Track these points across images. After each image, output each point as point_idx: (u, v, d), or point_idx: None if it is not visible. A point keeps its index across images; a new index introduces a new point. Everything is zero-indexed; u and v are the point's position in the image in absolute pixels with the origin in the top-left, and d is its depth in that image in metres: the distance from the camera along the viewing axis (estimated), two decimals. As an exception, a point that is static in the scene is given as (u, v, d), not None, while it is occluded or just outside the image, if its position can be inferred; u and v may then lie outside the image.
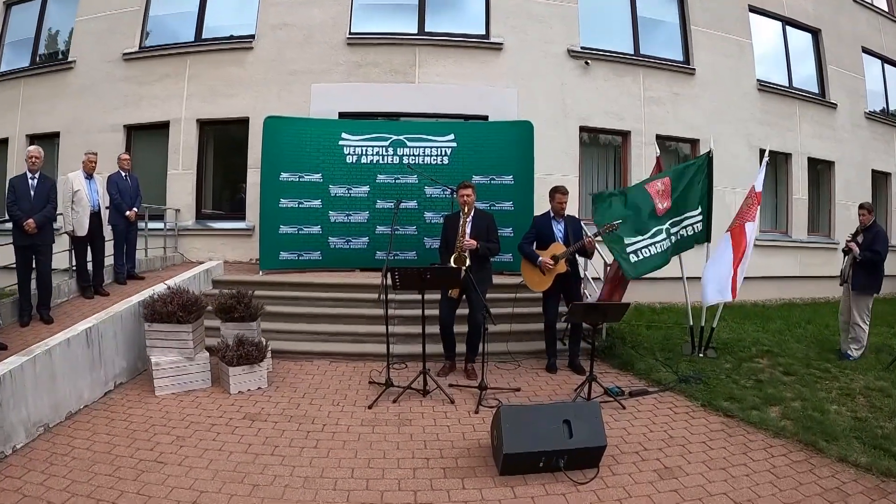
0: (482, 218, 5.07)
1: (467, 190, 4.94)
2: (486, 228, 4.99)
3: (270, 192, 7.46)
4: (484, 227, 4.98)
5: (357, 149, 7.60)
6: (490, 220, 5.12)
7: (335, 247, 7.56)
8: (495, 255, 5.15)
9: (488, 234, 4.99)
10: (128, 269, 6.95)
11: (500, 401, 4.31)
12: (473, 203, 5.00)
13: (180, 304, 4.91)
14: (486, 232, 4.98)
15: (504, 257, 6.94)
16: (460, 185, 5.06)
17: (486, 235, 4.97)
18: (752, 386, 4.74)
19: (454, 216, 5.07)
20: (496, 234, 5.09)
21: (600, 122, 9.28)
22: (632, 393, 4.47)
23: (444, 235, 5.11)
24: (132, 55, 9.42)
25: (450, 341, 5.15)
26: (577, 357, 5.28)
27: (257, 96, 9.09)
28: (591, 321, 4.41)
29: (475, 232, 4.92)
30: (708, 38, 9.94)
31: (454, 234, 4.90)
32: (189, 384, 4.78)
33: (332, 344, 5.83)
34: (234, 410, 4.28)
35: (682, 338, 6.11)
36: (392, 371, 5.17)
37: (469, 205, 4.93)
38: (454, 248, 4.87)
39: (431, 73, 8.95)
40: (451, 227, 4.99)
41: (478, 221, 4.99)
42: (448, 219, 5.18)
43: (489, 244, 4.96)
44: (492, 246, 4.99)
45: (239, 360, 4.73)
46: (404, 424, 3.98)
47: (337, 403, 4.43)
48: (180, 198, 9.27)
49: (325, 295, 6.56)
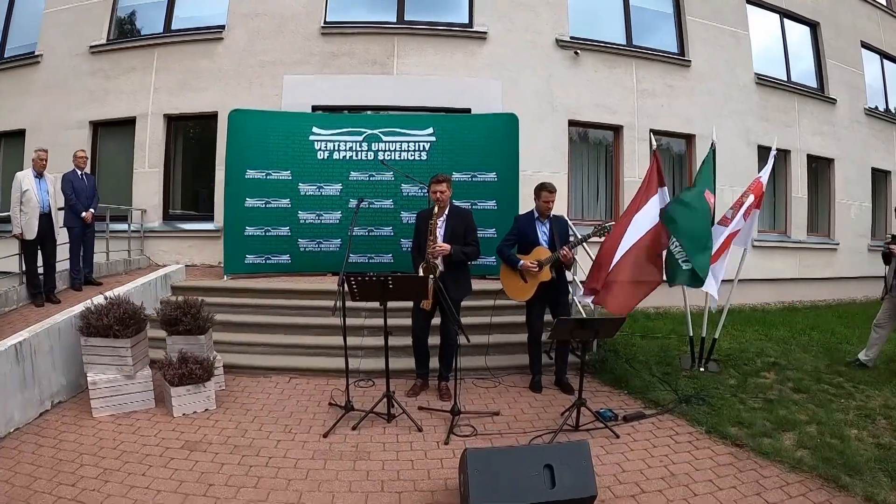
0: (459, 216, 4.44)
1: (441, 185, 4.28)
2: (463, 229, 4.38)
3: (235, 191, 6.93)
4: (461, 228, 4.37)
5: (329, 144, 7.06)
6: (468, 218, 4.50)
7: (305, 249, 7.02)
8: (474, 259, 4.51)
9: (466, 234, 4.38)
10: (85, 275, 6.53)
11: (475, 428, 3.75)
12: (448, 200, 4.39)
13: (116, 316, 4.37)
14: (463, 233, 4.37)
15: (487, 260, 6.42)
16: (433, 178, 4.38)
17: (464, 237, 4.36)
18: (762, 407, 4.20)
19: (428, 213, 4.43)
20: (475, 235, 4.47)
21: (591, 115, 8.75)
22: (626, 417, 3.91)
23: (416, 235, 4.48)
24: (99, 48, 8.96)
25: (423, 356, 4.58)
26: (565, 374, 4.71)
27: (227, 89, 8.59)
28: (580, 338, 3.80)
29: (450, 233, 4.31)
30: (704, 29, 9.47)
31: (424, 234, 4.31)
32: (129, 405, 4.28)
33: (295, 357, 5.26)
34: (174, 437, 3.76)
35: (681, 349, 5.58)
36: (357, 389, 4.64)
37: (443, 202, 4.31)
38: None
39: (411, 64, 8.41)
40: (423, 225, 4.38)
41: (454, 221, 4.37)
42: (421, 216, 4.51)
43: (466, 248, 4.33)
44: (469, 250, 4.36)
45: (181, 380, 4.21)
46: (361, 458, 3.42)
47: (289, 430, 3.87)
48: (147, 198, 8.79)
49: (290, 303, 6.01)
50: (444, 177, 4.36)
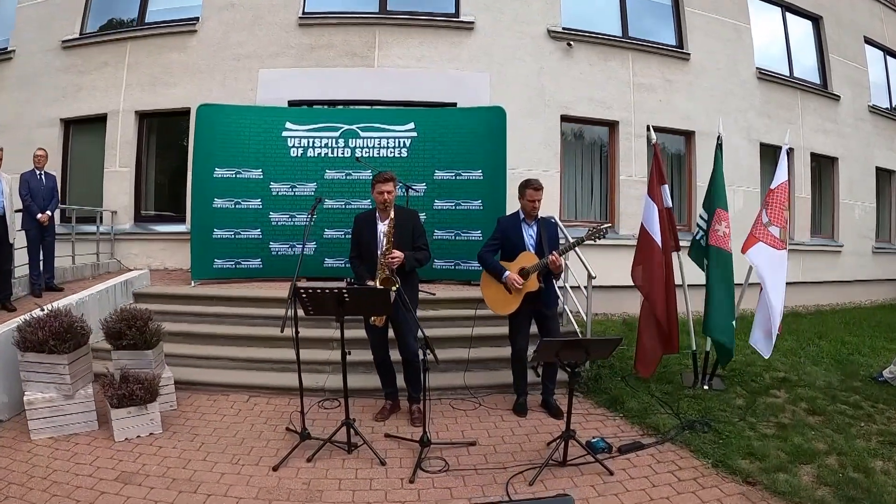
0: (405, 218, 3.94)
1: (388, 185, 3.79)
2: (410, 231, 3.91)
3: (202, 191, 6.49)
4: (409, 231, 3.90)
5: (303, 140, 6.61)
6: (415, 219, 4.02)
7: (277, 253, 6.55)
8: (426, 264, 4.06)
9: (414, 237, 3.90)
10: (46, 281, 6.15)
11: (447, 462, 3.24)
12: (393, 201, 3.89)
13: (52, 330, 3.92)
14: (411, 235, 3.89)
15: (471, 265, 6.00)
16: (378, 177, 3.84)
17: (412, 240, 3.89)
18: (774, 434, 3.72)
19: (369, 216, 3.94)
20: (425, 238, 4.00)
21: (584, 110, 8.28)
22: (622, 449, 3.40)
23: (356, 242, 3.98)
24: (72, 42, 8.56)
25: (387, 373, 4.08)
26: (553, 394, 4.19)
27: (200, 84, 8.18)
28: (569, 360, 3.19)
29: (400, 238, 3.82)
30: (704, 20, 9.03)
31: (370, 241, 3.84)
32: (70, 426, 3.86)
33: (257, 373, 4.77)
34: (110, 467, 3.33)
35: (682, 363, 5.10)
36: (321, 412, 4.16)
37: (388, 203, 3.82)
38: (375, 258, 3.81)
39: (393, 56, 7.93)
40: (367, 230, 3.89)
41: (401, 223, 3.87)
42: (362, 220, 4.00)
43: (418, 254, 3.88)
44: (421, 255, 3.91)
45: (121, 402, 3.76)
46: (312, 500, 2.93)
47: (237, 461, 3.39)
48: (117, 198, 8.37)
49: (259, 311, 5.52)
50: (391, 175, 3.88)
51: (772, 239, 4.48)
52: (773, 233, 4.48)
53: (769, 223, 4.52)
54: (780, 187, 4.62)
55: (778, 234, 4.48)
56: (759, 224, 4.59)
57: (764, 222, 4.55)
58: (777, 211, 4.52)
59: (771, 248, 4.45)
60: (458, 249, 6.38)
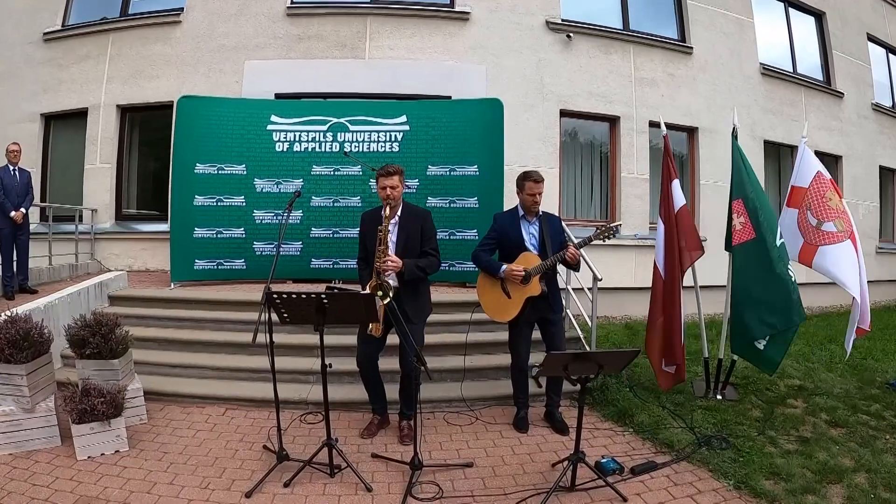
0: (415, 218, 3.56)
1: (392, 179, 3.38)
2: (419, 233, 3.50)
3: (182, 188, 6.18)
4: (416, 232, 3.50)
5: (289, 134, 6.27)
6: (426, 219, 3.60)
7: (262, 253, 6.21)
8: (433, 272, 3.58)
9: (423, 240, 3.50)
10: (20, 282, 5.98)
11: (441, 487, 2.89)
12: (400, 198, 3.52)
13: (8, 338, 3.58)
14: (419, 238, 3.49)
15: (467, 265, 5.65)
16: (381, 170, 3.44)
17: (420, 243, 3.49)
18: (797, 449, 3.41)
19: (374, 214, 3.56)
20: (435, 242, 3.58)
21: (584, 105, 7.98)
22: (634, 470, 3.07)
23: (362, 242, 3.59)
24: (53, 35, 8.27)
25: (375, 387, 3.69)
26: (558, 407, 3.85)
27: (184, 77, 7.88)
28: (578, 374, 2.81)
29: (404, 240, 3.44)
30: (707, 14, 8.77)
31: (375, 242, 3.40)
32: (30, 442, 3.54)
33: (236, 384, 4.40)
34: (69, 490, 3.00)
35: (692, 369, 4.78)
36: (303, 427, 3.81)
37: (393, 200, 3.42)
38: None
39: (385, 47, 7.61)
40: (372, 230, 3.44)
41: (407, 224, 3.50)
42: (368, 218, 3.59)
43: (421, 261, 3.45)
44: (425, 262, 3.47)
45: (82, 417, 3.42)
46: (288, 533, 2.60)
47: (206, 484, 3.05)
48: (98, 196, 8.07)
49: (240, 315, 5.16)
50: (396, 168, 3.45)
51: (831, 237, 4.11)
52: (827, 230, 4.11)
53: (819, 223, 4.17)
54: (814, 181, 4.26)
55: (836, 228, 4.11)
56: (809, 230, 4.23)
57: (813, 225, 4.20)
58: (821, 205, 4.16)
59: (831, 246, 4.09)
60: (452, 249, 6.05)
